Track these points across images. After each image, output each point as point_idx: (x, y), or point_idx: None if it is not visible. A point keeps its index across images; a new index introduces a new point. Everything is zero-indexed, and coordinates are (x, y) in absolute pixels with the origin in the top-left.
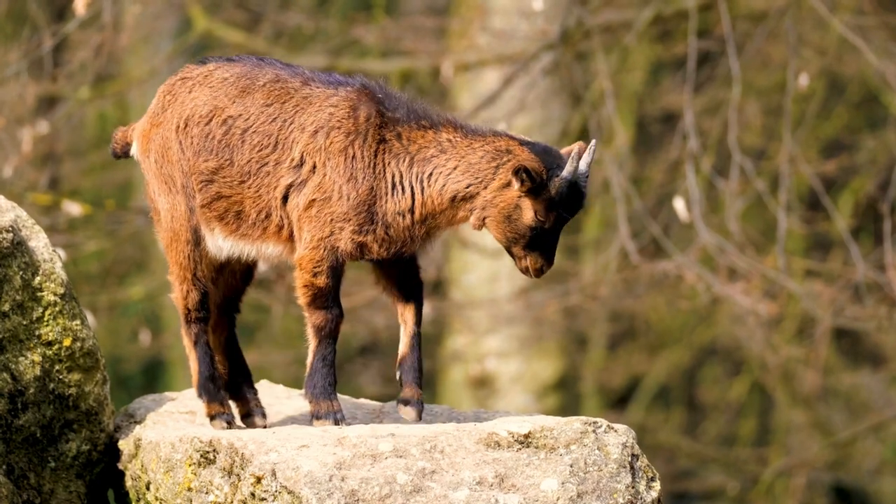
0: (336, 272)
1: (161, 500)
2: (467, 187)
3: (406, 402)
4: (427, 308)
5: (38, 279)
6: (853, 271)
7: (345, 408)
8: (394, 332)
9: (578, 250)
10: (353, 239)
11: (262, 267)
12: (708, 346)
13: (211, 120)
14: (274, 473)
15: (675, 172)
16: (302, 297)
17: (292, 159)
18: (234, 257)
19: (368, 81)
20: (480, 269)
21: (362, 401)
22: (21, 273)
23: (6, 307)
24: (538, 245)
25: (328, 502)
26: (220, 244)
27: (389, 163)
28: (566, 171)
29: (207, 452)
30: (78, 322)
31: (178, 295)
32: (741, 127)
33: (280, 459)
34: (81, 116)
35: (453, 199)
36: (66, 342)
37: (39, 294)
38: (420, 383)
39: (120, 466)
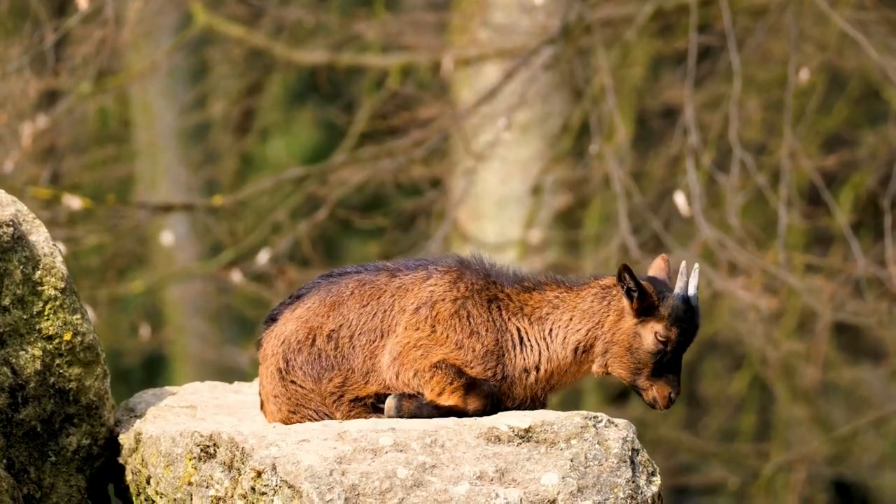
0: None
1: (161, 494)
2: (587, 333)
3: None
4: None
5: (38, 273)
6: (854, 266)
7: None
8: None
9: (579, 245)
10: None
11: None
12: (708, 341)
13: (315, 340)
14: (274, 468)
15: (675, 167)
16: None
17: (396, 335)
18: None
19: (463, 257)
20: None
21: None
22: (21, 267)
23: (7, 301)
24: (662, 372)
25: (329, 496)
26: None
27: (509, 318)
28: (677, 288)
29: (208, 447)
30: (78, 316)
31: None
32: (742, 122)
33: (280, 454)
34: (83, 111)
35: (576, 350)
36: (67, 336)
37: (40, 288)
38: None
39: (120, 461)
